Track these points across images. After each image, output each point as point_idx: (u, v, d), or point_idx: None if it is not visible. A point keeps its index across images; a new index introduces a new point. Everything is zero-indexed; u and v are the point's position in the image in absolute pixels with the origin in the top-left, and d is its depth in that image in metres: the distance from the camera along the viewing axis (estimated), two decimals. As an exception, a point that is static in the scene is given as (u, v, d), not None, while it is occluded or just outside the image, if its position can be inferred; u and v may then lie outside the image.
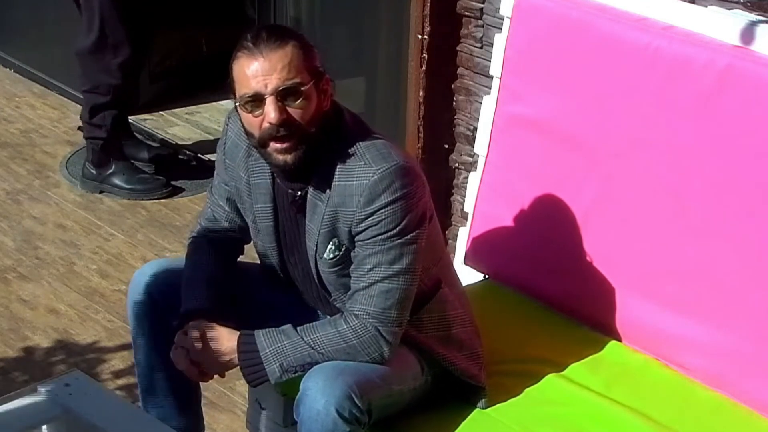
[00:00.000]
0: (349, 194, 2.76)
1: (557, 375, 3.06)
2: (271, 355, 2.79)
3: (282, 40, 2.72)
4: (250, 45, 2.72)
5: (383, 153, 2.76)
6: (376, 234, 2.75)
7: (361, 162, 2.76)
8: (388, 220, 2.74)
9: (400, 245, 2.75)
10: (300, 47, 2.73)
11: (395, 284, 2.76)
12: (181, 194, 4.99)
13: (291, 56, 2.71)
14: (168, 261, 3.21)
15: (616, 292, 3.16)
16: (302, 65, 2.72)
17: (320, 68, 2.77)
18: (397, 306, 2.77)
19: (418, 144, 4.07)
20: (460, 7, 3.93)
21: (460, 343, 2.96)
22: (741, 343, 2.94)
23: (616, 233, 3.15)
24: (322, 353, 2.77)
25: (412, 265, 2.77)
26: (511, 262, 3.37)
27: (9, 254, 4.55)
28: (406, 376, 2.88)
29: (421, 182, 2.79)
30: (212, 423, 3.62)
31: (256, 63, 2.70)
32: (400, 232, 2.75)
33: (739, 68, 2.90)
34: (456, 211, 4.14)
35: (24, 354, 4.00)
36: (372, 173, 2.74)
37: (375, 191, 2.74)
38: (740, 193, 2.92)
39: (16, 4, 6.03)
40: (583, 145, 3.19)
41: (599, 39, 3.13)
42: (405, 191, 2.74)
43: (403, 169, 2.75)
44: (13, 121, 5.58)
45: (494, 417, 2.94)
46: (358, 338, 2.76)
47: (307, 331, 2.80)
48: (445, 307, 2.95)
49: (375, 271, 2.76)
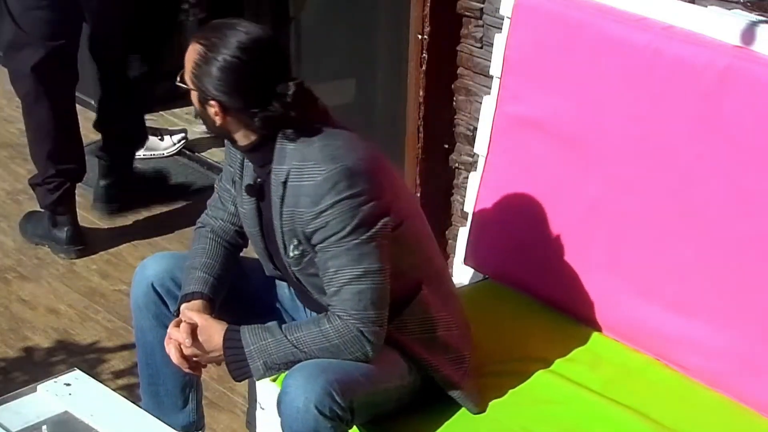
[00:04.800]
0: (300, 195, 2.78)
1: (557, 374, 3.06)
2: (255, 353, 2.80)
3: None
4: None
5: (334, 154, 2.76)
6: (329, 236, 2.76)
7: (311, 162, 2.76)
8: (335, 221, 2.74)
9: (356, 246, 2.75)
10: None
11: (364, 285, 2.76)
12: (181, 194, 4.99)
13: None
14: (172, 254, 3.23)
15: (616, 291, 3.16)
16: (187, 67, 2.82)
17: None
18: (372, 306, 2.77)
19: (418, 144, 4.07)
20: (460, 7, 3.93)
21: (446, 346, 2.95)
22: (741, 343, 2.94)
23: (616, 233, 3.15)
24: (305, 352, 2.78)
25: (376, 264, 2.76)
26: (511, 262, 3.37)
27: (9, 254, 4.55)
28: (391, 374, 2.88)
29: (375, 182, 2.77)
30: (212, 423, 3.62)
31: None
32: (353, 233, 2.74)
33: (739, 68, 2.90)
34: (456, 211, 4.14)
35: (24, 354, 4.00)
36: (318, 174, 2.74)
37: (320, 192, 2.74)
38: (740, 193, 2.92)
39: (16, 4, 6.01)
40: (583, 145, 3.19)
41: (599, 39, 3.13)
42: (351, 192, 2.73)
43: (349, 170, 2.74)
44: (13, 121, 5.57)
45: (493, 416, 2.94)
46: (340, 338, 2.77)
47: (291, 330, 2.81)
48: (427, 309, 2.94)
49: (340, 274, 2.76)
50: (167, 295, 3.05)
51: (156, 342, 3.07)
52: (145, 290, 3.07)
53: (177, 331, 2.88)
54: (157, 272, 3.07)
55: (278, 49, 2.83)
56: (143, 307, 3.08)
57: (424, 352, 2.92)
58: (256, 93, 2.75)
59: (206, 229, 3.10)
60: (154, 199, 4.92)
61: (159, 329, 3.05)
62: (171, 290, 3.05)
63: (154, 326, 3.06)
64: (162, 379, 3.15)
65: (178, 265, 3.07)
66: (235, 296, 3.07)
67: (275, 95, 2.75)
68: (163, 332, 3.03)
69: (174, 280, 3.05)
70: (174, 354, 2.89)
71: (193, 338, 2.86)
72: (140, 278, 3.09)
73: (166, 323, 3.02)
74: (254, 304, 3.11)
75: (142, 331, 3.12)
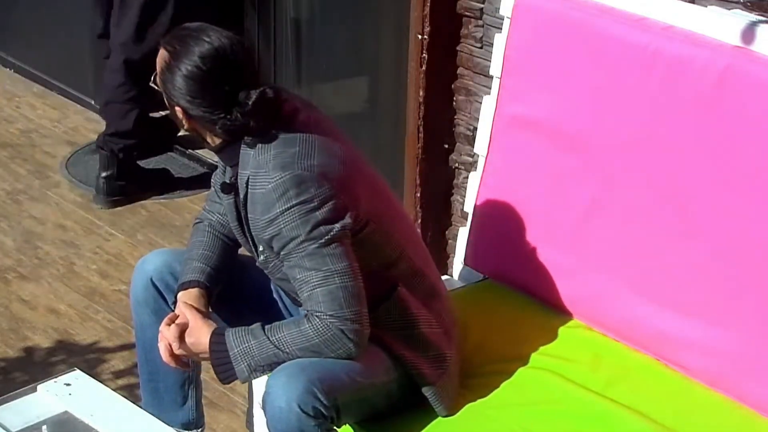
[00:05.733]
0: (254, 201, 2.81)
1: (557, 374, 3.06)
2: (239, 355, 2.81)
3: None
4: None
5: (285, 162, 2.78)
6: (286, 243, 2.78)
7: (264, 170, 2.79)
8: (288, 228, 2.76)
9: (316, 249, 2.76)
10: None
11: (333, 285, 2.76)
12: (181, 194, 5.00)
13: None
14: (172, 250, 3.25)
15: (616, 292, 3.15)
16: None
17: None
18: (346, 304, 2.76)
19: (418, 144, 4.07)
20: (460, 7, 3.93)
21: (426, 343, 2.95)
22: (741, 343, 2.94)
23: (616, 233, 3.14)
24: (287, 353, 2.79)
25: (340, 263, 2.77)
26: (511, 262, 3.37)
27: (9, 254, 4.55)
28: (375, 370, 2.88)
29: (327, 187, 2.77)
30: (212, 423, 3.62)
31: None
32: (309, 238, 2.76)
33: (739, 68, 2.90)
34: (456, 211, 4.14)
35: (24, 354, 4.00)
36: (268, 182, 2.77)
37: (270, 200, 2.77)
38: (740, 193, 2.91)
39: (16, 4, 6.02)
40: (583, 145, 3.19)
41: (599, 39, 3.13)
42: (300, 199, 2.75)
43: (298, 177, 2.76)
44: (13, 121, 5.58)
45: (493, 416, 2.94)
46: (320, 336, 2.77)
47: (273, 331, 2.82)
48: (405, 306, 2.94)
49: (307, 280, 2.77)
50: (166, 290, 3.07)
51: (155, 338, 3.07)
52: (145, 285, 3.08)
53: (168, 330, 2.90)
54: (156, 267, 3.09)
55: (244, 57, 2.85)
56: (143, 302, 3.09)
57: (402, 348, 2.92)
58: (216, 102, 2.80)
59: (204, 223, 3.12)
60: (153, 198, 4.93)
61: (158, 325, 3.05)
62: (170, 285, 3.06)
63: (154, 322, 3.07)
64: (161, 375, 3.16)
65: (177, 260, 3.09)
66: (233, 292, 3.08)
67: (236, 103, 2.78)
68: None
69: (173, 275, 3.06)
70: (163, 352, 2.91)
71: (180, 340, 2.88)
72: (140, 273, 3.11)
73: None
74: (253, 299, 3.12)
75: (141, 327, 3.13)
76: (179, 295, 2.97)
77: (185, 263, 3.04)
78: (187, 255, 3.07)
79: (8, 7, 6.06)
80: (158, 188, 4.97)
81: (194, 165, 5.23)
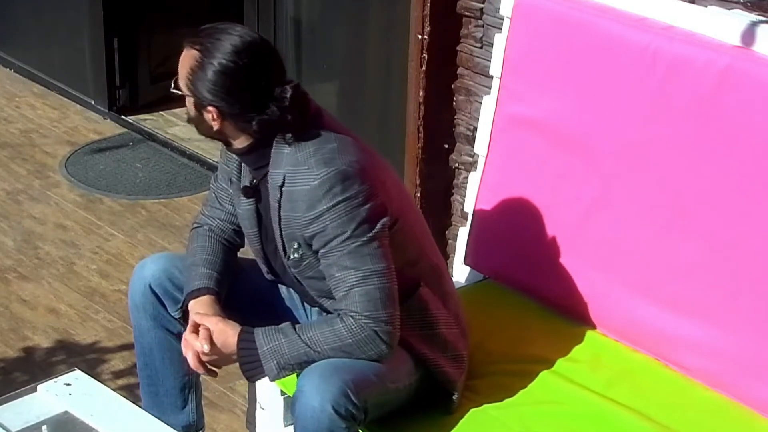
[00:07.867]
0: (294, 199, 2.78)
1: (557, 375, 3.06)
2: (268, 353, 2.79)
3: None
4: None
5: (327, 158, 2.75)
6: (329, 240, 2.76)
7: (305, 167, 2.76)
8: (333, 225, 2.74)
9: (358, 248, 2.75)
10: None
11: (371, 285, 2.75)
12: (181, 194, 5.00)
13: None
14: (169, 254, 3.23)
15: (616, 292, 3.16)
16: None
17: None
18: (382, 306, 2.76)
19: (418, 144, 4.07)
20: (460, 7, 3.93)
21: (445, 343, 2.95)
22: (741, 343, 2.94)
23: (616, 233, 3.15)
24: (318, 351, 2.77)
25: (380, 264, 2.76)
26: (511, 262, 3.37)
27: (9, 254, 4.55)
28: (401, 372, 2.88)
29: (370, 183, 2.77)
30: (212, 423, 3.62)
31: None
32: (353, 235, 2.74)
33: (739, 68, 2.90)
34: (456, 211, 4.14)
35: (24, 354, 4.00)
36: (312, 179, 2.75)
37: (315, 197, 2.74)
38: (740, 193, 2.92)
39: (16, 4, 6.03)
40: (583, 145, 3.19)
41: (599, 39, 3.13)
42: (346, 195, 2.73)
43: (343, 173, 2.74)
44: (13, 121, 5.58)
45: (494, 416, 2.94)
46: (353, 337, 2.76)
47: (304, 330, 2.80)
48: (426, 306, 2.93)
49: (346, 278, 2.76)
50: (165, 296, 3.05)
51: (154, 343, 3.07)
52: (143, 291, 3.06)
53: (195, 338, 2.86)
54: (154, 273, 3.06)
55: (273, 52, 2.82)
56: (141, 307, 3.07)
57: (425, 347, 2.92)
58: (253, 97, 2.75)
59: (204, 228, 3.09)
60: (153, 198, 4.92)
61: (157, 330, 3.05)
62: (168, 291, 3.04)
63: (152, 327, 3.06)
64: (161, 379, 3.15)
65: (175, 265, 3.07)
66: (235, 296, 3.07)
67: (272, 99, 2.74)
68: (161, 333, 3.03)
69: (171, 280, 3.04)
70: (192, 360, 2.87)
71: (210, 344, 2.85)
72: (138, 279, 3.08)
73: (164, 324, 3.02)
74: (254, 303, 3.10)
75: (140, 332, 3.12)
76: (191, 304, 2.94)
77: (189, 269, 3.01)
78: (191, 261, 3.03)
79: (8, 7, 6.07)
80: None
81: (194, 165, 5.23)
